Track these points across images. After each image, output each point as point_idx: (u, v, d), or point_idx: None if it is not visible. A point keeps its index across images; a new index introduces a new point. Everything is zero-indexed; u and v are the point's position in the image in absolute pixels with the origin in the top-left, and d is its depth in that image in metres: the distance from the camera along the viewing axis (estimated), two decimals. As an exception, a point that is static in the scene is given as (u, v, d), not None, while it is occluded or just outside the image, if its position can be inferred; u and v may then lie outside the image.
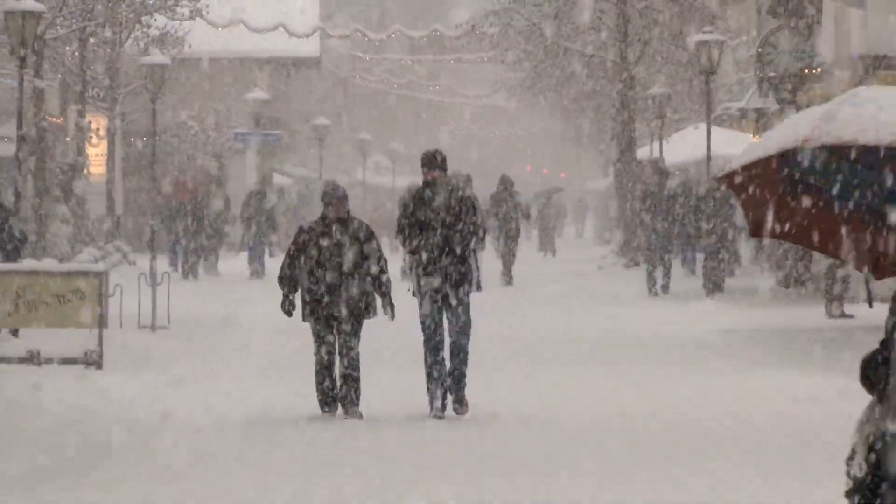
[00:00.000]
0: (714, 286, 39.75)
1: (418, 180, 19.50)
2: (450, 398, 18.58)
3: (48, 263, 26.66)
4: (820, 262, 35.90)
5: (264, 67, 71.95)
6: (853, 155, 5.98)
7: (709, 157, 42.25)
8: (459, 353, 18.68)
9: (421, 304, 18.68)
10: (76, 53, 49.61)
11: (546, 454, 16.50)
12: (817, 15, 41.28)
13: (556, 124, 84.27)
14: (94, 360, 21.43)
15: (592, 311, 35.43)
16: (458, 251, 18.60)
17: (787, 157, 6.07)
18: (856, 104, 6.04)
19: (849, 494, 6.13)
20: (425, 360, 18.60)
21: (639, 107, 57.62)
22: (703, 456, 16.61)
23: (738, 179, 6.31)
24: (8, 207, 27.68)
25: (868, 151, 5.89)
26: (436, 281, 18.49)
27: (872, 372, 6.23)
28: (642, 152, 58.64)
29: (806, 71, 41.80)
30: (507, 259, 46.17)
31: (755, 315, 33.79)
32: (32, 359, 21.90)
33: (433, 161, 19.02)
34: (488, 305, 31.35)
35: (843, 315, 32.83)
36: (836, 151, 6.00)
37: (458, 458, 16.28)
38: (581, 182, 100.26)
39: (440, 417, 18.33)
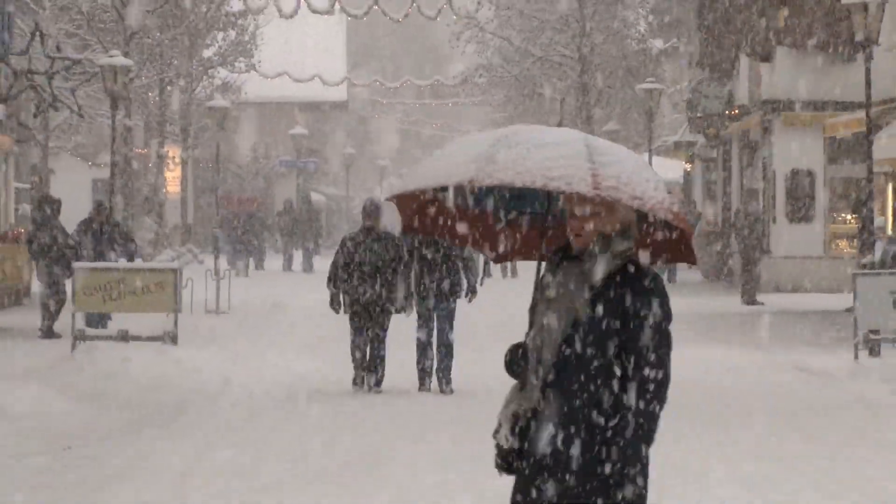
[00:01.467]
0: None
1: None
2: (436, 379, 18.10)
3: (136, 262, 26.70)
4: (736, 260, 35.86)
5: (304, 109, 72.04)
6: None
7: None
8: (447, 351, 18.11)
9: (417, 312, 18.16)
10: (157, 98, 49.65)
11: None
12: (735, 68, 41.28)
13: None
14: (171, 338, 21.41)
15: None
16: (446, 272, 17.98)
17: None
18: (511, 146, 5.75)
19: (497, 463, 6.02)
20: (417, 350, 18.13)
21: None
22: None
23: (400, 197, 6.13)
24: (122, 226, 27.70)
25: None
26: (427, 300, 17.95)
27: (516, 360, 6.04)
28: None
29: (725, 112, 41.83)
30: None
31: (686, 302, 33.77)
32: (123, 337, 21.91)
33: None
34: (481, 294, 31.29)
35: (754, 302, 32.85)
36: None
37: (456, 417, 16.25)
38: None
39: (426, 391, 18.03)
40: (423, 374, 18.18)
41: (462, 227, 6.29)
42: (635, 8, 56.83)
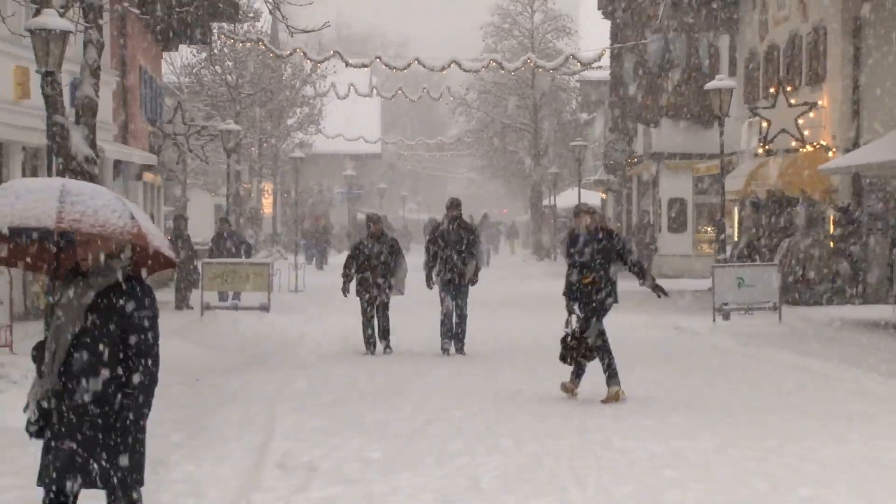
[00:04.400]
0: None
1: (434, 216, 18.28)
2: (453, 346, 16.53)
3: (244, 258, 26.72)
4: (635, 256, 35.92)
5: (352, 158, 72.02)
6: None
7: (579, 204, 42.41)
8: (462, 321, 16.48)
9: (441, 291, 16.46)
10: (257, 150, 49.65)
11: (499, 359, 16.52)
12: (634, 130, 41.33)
13: (501, 186, 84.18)
14: (265, 308, 21.47)
15: (523, 283, 35.43)
16: (463, 260, 16.29)
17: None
18: (4, 196, 5.09)
19: (27, 429, 5.39)
20: (441, 323, 16.49)
21: (543, 178, 57.75)
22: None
23: None
24: (237, 231, 27.65)
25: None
26: (449, 277, 16.34)
27: (36, 353, 5.39)
28: (546, 202, 58.79)
29: (628, 160, 41.85)
30: (488, 255, 47.53)
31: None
32: (234, 307, 21.93)
33: (453, 204, 16.74)
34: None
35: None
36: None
37: (452, 361, 16.26)
38: (513, 216, 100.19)
39: (449, 354, 16.49)
40: (447, 340, 16.54)
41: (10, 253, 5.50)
42: (569, 92, 56.93)
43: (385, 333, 16.72)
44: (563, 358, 12.44)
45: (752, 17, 30.76)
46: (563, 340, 12.43)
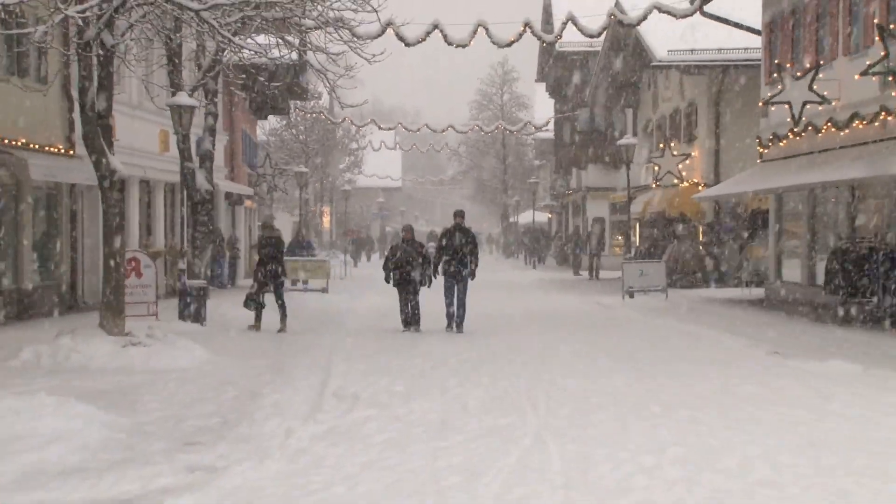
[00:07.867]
0: (535, 265, 39.67)
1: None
2: (454, 326, 14.90)
3: (310, 257, 26.59)
4: (573, 256, 35.79)
5: (383, 190, 71.87)
6: None
7: (533, 221, 42.22)
8: (462, 307, 14.80)
9: (444, 282, 14.91)
10: (319, 185, 49.53)
11: (480, 327, 16.39)
12: (570, 172, 41.23)
13: (481, 209, 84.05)
14: (325, 290, 21.36)
15: (497, 274, 35.26)
16: (465, 259, 14.77)
17: None
18: None
19: None
20: (446, 309, 15.01)
21: (510, 203, 57.63)
22: (539, 325, 16.52)
23: None
24: (308, 239, 27.39)
25: None
26: (452, 271, 14.76)
27: None
28: (511, 219, 58.67)
29: (566, 192, 41.75)
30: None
31: (549, 274, 33.71)
32: (304, 290, 21.79)
33: (458, 213, 15.33)
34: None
35: (577, 274, 32.76)
36: None
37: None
38: (490, 228, 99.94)
39: (451, 332, 14.92)
40: (450, 319, 14.99)
41: None
42: (527, 146, 56.92)
43: (416, 318, 14.96)
44: (245, 305, 14.79)
45: (648, 97, 30.90)
46: (248, 296, 14.86)
